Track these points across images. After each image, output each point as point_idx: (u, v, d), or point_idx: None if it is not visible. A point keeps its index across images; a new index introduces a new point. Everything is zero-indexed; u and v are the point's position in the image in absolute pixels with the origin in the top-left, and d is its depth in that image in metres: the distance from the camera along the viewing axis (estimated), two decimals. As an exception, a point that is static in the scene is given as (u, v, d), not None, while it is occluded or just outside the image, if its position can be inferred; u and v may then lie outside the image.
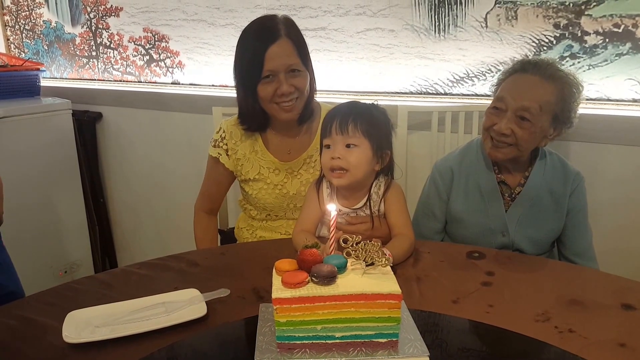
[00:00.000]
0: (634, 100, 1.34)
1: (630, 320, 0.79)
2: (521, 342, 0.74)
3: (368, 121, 1.03)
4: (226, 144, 1.25)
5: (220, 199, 1.38)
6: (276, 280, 0.69)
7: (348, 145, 1.02)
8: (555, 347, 0.72)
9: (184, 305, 0.81)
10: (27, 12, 2.48)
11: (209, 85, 2.01)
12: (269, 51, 1.11)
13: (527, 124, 1.06)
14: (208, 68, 1.99)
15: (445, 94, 1.57)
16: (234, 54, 1.89)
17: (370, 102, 1.10)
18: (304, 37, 1.20)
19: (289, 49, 1.13)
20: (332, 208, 0.74)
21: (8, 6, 2.54)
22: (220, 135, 1.26)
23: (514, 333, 0.76)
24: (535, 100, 1.05)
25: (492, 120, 1.10)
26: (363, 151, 1.03)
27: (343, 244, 0.72)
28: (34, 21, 2.47)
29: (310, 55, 1.22)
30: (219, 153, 1.26)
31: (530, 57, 1.15)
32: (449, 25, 1.51)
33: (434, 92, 1.59)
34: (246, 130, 1.24)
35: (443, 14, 1.51)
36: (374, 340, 0.69)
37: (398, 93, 1.64)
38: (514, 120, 1.07)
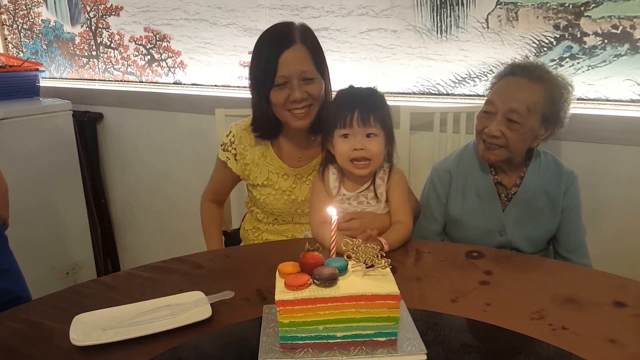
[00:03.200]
0: (632, 101, 1.35)
1: (621, 317, 0.81)
2: (516, 339, 0.76)
3: (382, 110, 1.08)
4: (235, 149, 1.24)
5: (226, 195, 1.41)
6: (279, 282, 0.71)
7: (368, 135, 1.06)
8: (548, 343, 0.74)
9: (189, 307, 0.82)
10: (25, 11, 2.48)
11: (211, 86, 2.02)
12: (282, 57, 1.10)
13: (516, 126, 1.09)
14: (210, 68, 2.00)
15: (448, 94, 1.58)
16: (236, 53, 1.93)
17: (368, 87, 1.12)
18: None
19: (303, 55, 1.12)
20: (332, 212, 0.75)
21: (5, 5, 2.53)
22: (230, 139, 1.25)
23: (509, 331, 0.77)
24: (523, 102, 1.08)
25: (484, 123, 1.13)
26: (381, 140, 1.08)
27: (344, 247, 0.74)
28: (32, 20, 2.47)
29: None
30: (227, 157, 1.25)
31: (520, 61, 1.18)
32: (450, 26, 1.51)
33: (436, 92, 1.60)
34: (258, 137, 1.23)
35: (445, 15, 1.52)
36: (373, 339, 0.71)
37: (401, 93, 1.65)
38: (504, 122, 1.09)
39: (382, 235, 1.05)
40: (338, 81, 1.72)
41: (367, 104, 1.06)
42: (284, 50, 1.10)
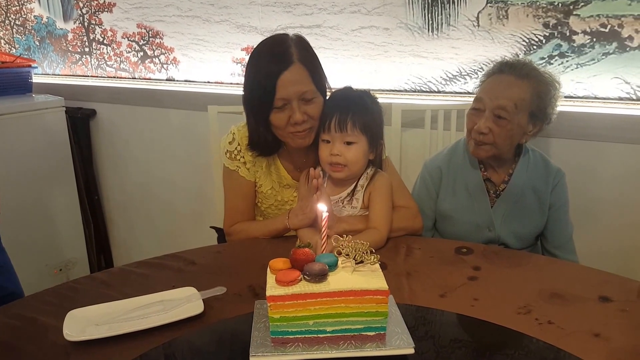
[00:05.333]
0: (620, 99, 1.37)
1: (605, 312, 0.83)
2: (503, 333, 0.78)
3: (364, 116, 1.06)
4: (243, 157, 1.18)
5: (252, 211, 1.24)
6: (270, 278, 0.72)
7: (346, 142, 1.06)
8: (534, 338, 0.76)
9: (182, 303, 0.83)
10: (18, 7, 2.46)
11: (204, 82, 2.02)
12: (280, 78, 1.04)
13: (504, 122, 1.11)
14: (203, 65, 2.00)
15: (439, 91, 1.60)
16: (229, 50, 1.93)
17: (362, 89, 1.12)
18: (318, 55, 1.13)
19: (302, 75, 1.06)
20: (323, 208, 0.77)
21: (-2, 1, 2.52)
22: (235, 148, 1.18)
23: (496, 325, 0.79)
24: (510, 99, 1.10)
25: (473, 120, 1.15)
26: (361, 147, 1.07)
27: (334, 243, 0.75)
28: (24, 16, 2.46)
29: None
30: (237, 166, 1.18)
31: (508, 59, 1.20)
32: (442, 24, 1.53)
33: (428, 90, 1.61)
34: (257, 156, 1.18)
35: (436, 13, 1.53)
36: (362, 333, 0.72)
37: (392, 91, 1.66)
38: (492, 118, 1.11)
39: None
40: (330, 78, 1.74)
41: (347, 110, 1.05)
42: (282, 72, 1.04)
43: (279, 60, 1.06)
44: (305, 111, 1.08)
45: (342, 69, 1.71)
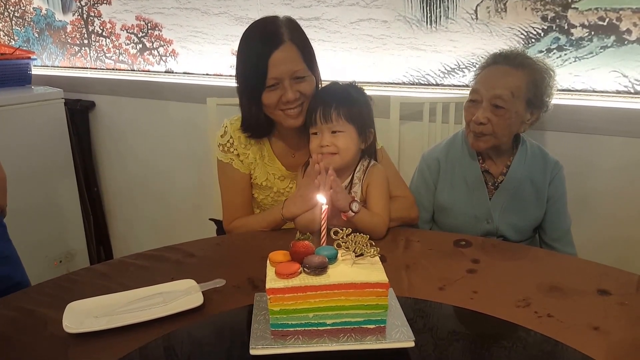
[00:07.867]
0: (618, 92, 1.37)
1: (604, 305, 0.83)
2: (502, 326, 0.78)
3: (349, 106, 1.08)
4: (236, 149, 1.19)
5: (250, 205, 1.24)
6: (270, 271, 0.72)
7: (334, 132, 1.07)
8: (532, 331, 0.76)
9: (181, 295, 0.83)
10: (17, -1, 2.45)
11: (203, 74, 2.01)
12: (272, 57, 1.06)
13: (502, 111, 1.11)
14: (202, 57, 1.99)
15: (437, 84, 1.59)
16: (227, 42, 1.92)
17: (348, 82, 1.13)
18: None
19: (293, 54, 1.08)
20: (322, 200, 0.77)
21: (-4, -7, 2.50)
22: (228, 141, 1.19)
23: (495, 318, 0.79)
24: (507, 88, 1.11)
25: (471, 112, 1.15)
26: (349, 135, 1.08)
27: (334, 236, 0.75)
28: (23, 8, 2.44)
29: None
30: (230, 159, 1.19)
31: (501, 50, 1.20)
32: (440, 16, 1.52)
33: (426, 82, 1.61)
34: (250, 137, 1.19)
35: (435, 6, 1.52)
36: (362, 326, 0.72)
37: (391, 83, 1.66)
38: (489, 109, 1.12)
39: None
40: (329, 71, 1.74)
41: (330, 101, 1.06)
42: (273, 51, 1.06)
43: (269, 40, 1.07)
44: (297, 89, 1.09)
45: (340, 62, 1.70)
